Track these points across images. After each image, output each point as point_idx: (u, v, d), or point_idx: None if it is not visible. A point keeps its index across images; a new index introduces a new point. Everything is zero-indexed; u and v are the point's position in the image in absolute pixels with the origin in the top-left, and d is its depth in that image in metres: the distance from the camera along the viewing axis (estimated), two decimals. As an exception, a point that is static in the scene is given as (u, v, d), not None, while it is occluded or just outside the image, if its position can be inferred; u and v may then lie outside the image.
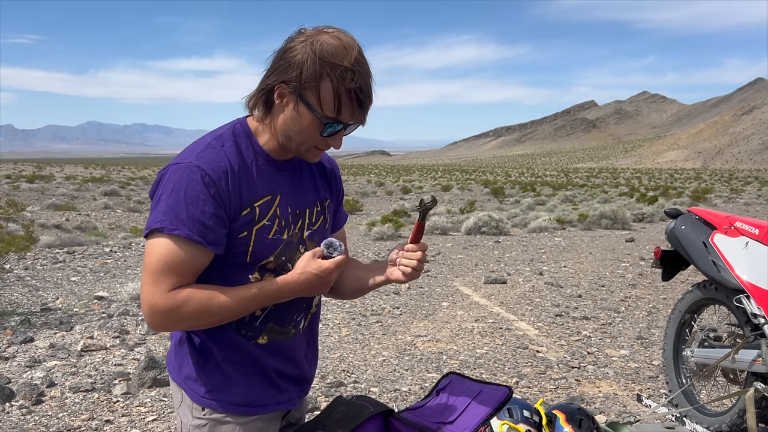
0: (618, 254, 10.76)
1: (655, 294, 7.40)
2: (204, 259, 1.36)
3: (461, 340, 5.30)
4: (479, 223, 13.71)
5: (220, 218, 1.35)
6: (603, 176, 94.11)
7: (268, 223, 1.41)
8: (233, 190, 1.36)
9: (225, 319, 1.39)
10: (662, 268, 2.97)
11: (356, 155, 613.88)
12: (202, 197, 1.32)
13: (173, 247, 1.32)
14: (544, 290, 7.50)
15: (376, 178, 61.69)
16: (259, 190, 1.41)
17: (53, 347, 4.73)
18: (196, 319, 1.36)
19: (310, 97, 1.34)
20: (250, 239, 1.39)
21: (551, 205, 23.00)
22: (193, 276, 1.37)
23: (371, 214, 19.46)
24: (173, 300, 1.32)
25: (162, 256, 1.33)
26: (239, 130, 1.45)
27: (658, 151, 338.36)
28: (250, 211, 1.39)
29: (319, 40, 1.33)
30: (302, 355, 1.59)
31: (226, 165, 1.36)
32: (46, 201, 20.81)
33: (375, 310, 6.29)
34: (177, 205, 1.32)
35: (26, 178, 34.25)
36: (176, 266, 1.33)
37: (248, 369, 1.48)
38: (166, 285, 1.33)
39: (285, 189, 1.47)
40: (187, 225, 1.31)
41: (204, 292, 1.35)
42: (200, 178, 1.33)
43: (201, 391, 1.46)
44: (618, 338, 5.47)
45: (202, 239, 1.32)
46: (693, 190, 42.14)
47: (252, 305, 1.39)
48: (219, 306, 1.35)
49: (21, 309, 6.01)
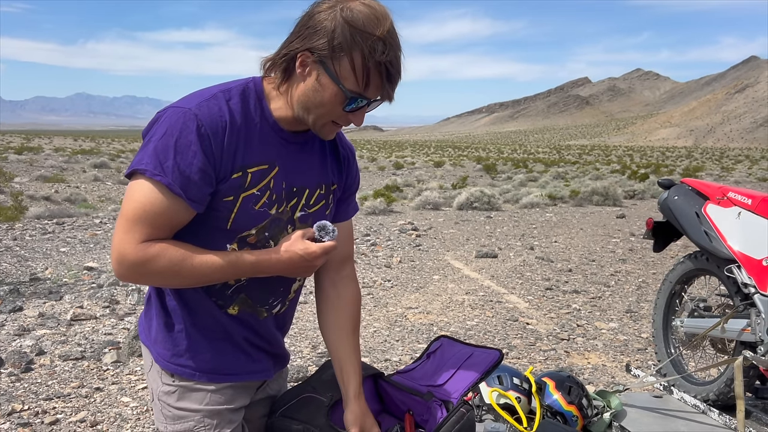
0: (609, 230, 10.82)
1: (644, 269, 7.45)
2: (183, 214, 1.28)
3: (452, 312, 5.32)
4: (471, 198, 13.72)
5: (208, 175, 1.26)
6: (595, 154, 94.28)
7: (258, 193, 1.32)
8: (228, 148, 1.27)
9: (196, 283, 1.32)
10: (654, 239, 2.96)
11: (349, 130, 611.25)
12: (193, 148, 1.23)
13: (154, 194, 1.24)
14: (534, 264, 7.53)
15: (369, 153, 61.48)
16: (257, 156, 1.32)
17: (42, 316, 4.70)
18: (165, 277, 1.28)
19: (335, 68, 1.24)
20: (234, 205, 1.30)
21: (543, 182, 23.02)
22: (170, 231, 1.29)
23: (363, 189, 19.40)
24: (144, 252, 1.24)
25: (140, 203, 1.25)
26: (251, 88, 1.35)
27: (650, 129, 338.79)
28: (241, 175, 1.29)
29: (349, 6, 1.23)
30: (272, 334, 1.52)
31: (226, 120, 1.27)
32: (35, 173, 20.60)
33: (366, 283, 6.29)
34: (165, 150, 1.23)
35: (14, 150, 33.89)
36: (153, 217, 1.25)
37: (217, 336, 1.42)
38: (139, 235, 1.24)
39: (286, 161, 1.36)
40: (170, 174, 1.23)
41: (178, 251, 1.26)
42: (195, 128, 1.24)
43: (167, 354, 1.40)
44: (607, 311, 5.51)
45: (182, 192, 1.24)
46: (684, 168, 42.29)
47: (226, 273, 1.31)
48: (191, 267, 1.27)
49: (10, 279, 5.96)
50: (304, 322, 4.90)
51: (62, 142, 64.73)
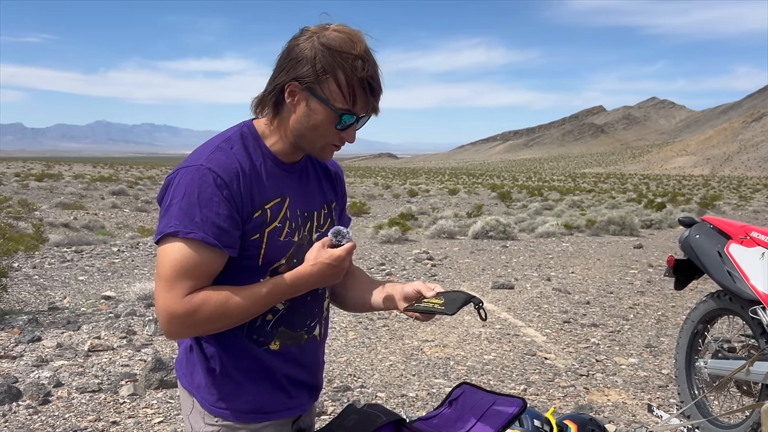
0: (626, 261, 10.70)
1: (663, 302, 7.34)
2: (219, 262, 1.34)
3: (468, 346, 5.26)
4: (486, 227, 13.67)
5: (234, 220, 1.33)
6: (611, 182, 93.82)
7: (280, 225, 1.40)
8: (245, 192, 1.35)
9: (241, 320, 1.37)
10: (675, 277, 2.93)
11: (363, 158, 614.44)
12: (215, 199, 1.30)
13: (188, 251, 1.30)
14: (551, 296, 7.46)
15: (383, 180, 61.70)
16: (270, 192, 1.40)
17: (60, 347, 4.73)
18: (213, 321, 1.33)
19: (323, 91, 1.33)
20: (262, 241, 1.38)
21: (559, 210, 22.91)
22: (208, 280, 1.35)
23: (378, 217, 19.44)
24: (190, 304, 1.30)
25: (177, 261, 1.30)
26: (247, 132, 1.43)
27: (666, 157, 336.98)
28: (261, 213, 1.37)
29: (324, 34, 1.33)
30: (314, 361, 1.58)
31: (237, 167, 1.35)
32: (55, 200, 20.89)
33: (382, 314, 6.26)
34: (190, 208, 1.30)
35: (35, 177, 34.45)
36: (192, 270, 1.30)
37: (259, 375, 1.46)
38: (182, 290, 1.30)
39: (294, 191, 1.45)
40: (202, 228, 1.29)
41: (220, 293, 1.32)
42: (212, 180, 1.31)
43: (212, 399, 1.45)
44: (627, 346, 5.42)
45: (218, 242, 1.30)
46: (701, 196, 41.93)
47: (267, 302, 1.37)
48: (236, 306, 1.32)
49: (29, 308, 6.02)
50: (320, 354, 4.87)
51: (82, 168, 65.74)
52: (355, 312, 1.71)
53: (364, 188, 41.72)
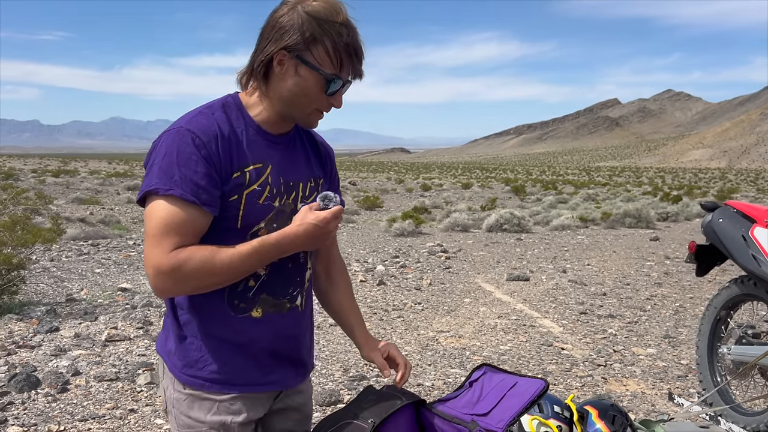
0: (642, 253, 10.60)
1: (681, 293, 7.26)
2: (201, 219, 1.36)
3: (484, 337, 5.23)
4: (501, 220, 13.60)
5: (213, 179, 1.36)
6: (626, 175, 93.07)
7: (259, 188, 1.42)
8: (223, 153, 1.38)
9: (226, 278, 1.37)
10: (696, 263, 2.88)
11: (376, 152, 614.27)
12: (193, 158, 1.34)
13: (170, 207, 1.33)
14: (567, 288, 7.40)
15: (396, 175, 61.62)
16: (250, 157, 1.42)
17: (78, 337, 4.76)
18: (199, 276, 1.34)
19: (310, 58, 1.37)
20: (240, 203, 1.40)
21: (573, 204, 22.76)
22: (194, 238, 1.37)
23: (391, 211, 19.41)
24: (176, 258, 1.32)
25: (161, 218, 1.33)
26: (230, 102, 1.48)
27: (682, 150, 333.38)
28: (240, 174, 1.39)
29: (307, 4, 1.38)
30: (298, 332, 1.55)
31: (216, 130, 1.39)
32: (71, 195, 21.09)
33: (396, 305, 6.25)
34: (169, 167, 1.34)
35: (52, 173, 34.81)
36: (176, 227, 1.33)
37: (232, 345, 1.45)
38: (168, 245, 1.32)
39: (277, 160, 1.47)
40: (180, 185, 1.33)
41: (206, 249, 1.34)
42: (191, 140, 1.35)
43: (179, 365, 1.45)
44: (645, 337, 5.36)
45: (196, 198, 1.33)
46: (718, 189, 41.46)
47: (252, 261, 1.37)
48: (221, 262, 1.33)
49: (47, 299, 6.07)
50: (335, 345, 4.87)
51: (97, 165, 66.35)
52: (325, 310, 1.74)
53: (377, 183, 41.68)
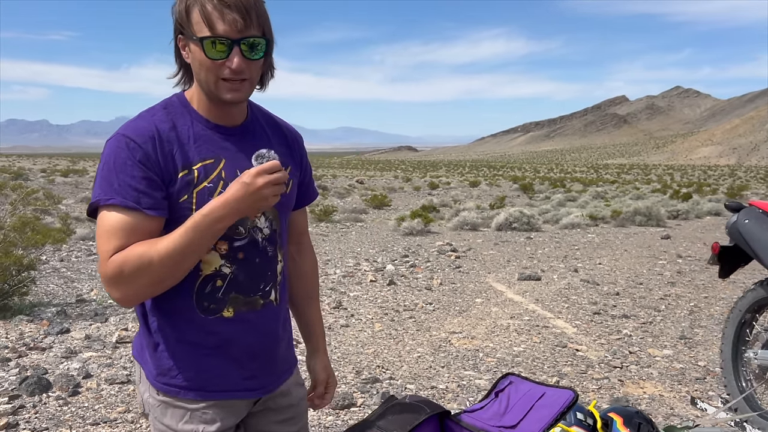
0: (654, 251, 10.50)
1: (695, 292, 7.17)
2: (148, 225, 1.32)
3: (497, 338, 5.17)
4: (510, 218, 13.51)
5: (152, 181, 1.32)
6: (634, 172, 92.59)
7: (210, 185, 1.37)
8: (163, 153, 1.34)
9: (174, 267, 1.30)
10: (720, 265, 2.81)
11: (383, 151, 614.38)
12: (129, 163, 1.32)
13: (112, 217, 1.31)
14: (580, 287, 7.32)
15: (403, 173, 61.55)
16: (198, 153, 1.38)
17: (89, 338, 4.74)
18: (144, 273, 1.28)
19: (190, 30, 1.35)
20: (191, 203, 1.35)
21: (582, 202, 22.61)
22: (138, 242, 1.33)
23: (399, 209, 19.36)
24: (114, 262, 1.28)
25: (103, 228, 1.31)
26: (174, 100, 1.45)
27: (691, 147, 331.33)
28: (187, 173, 1.36)
29: None
30: (274, 328, 1.50)
31: (153, 130, 1.36)
32: (80, 194, 21.15)
33: (408, 306, 6.19)
34: (108, 175, 1.32)
35: (60, 172, 34.95)
36: (120, 234, 1.30)
37: (205, 349, 1.41)
38: (108, 254, 1.29)
39: (232, 153, 1.42)
40: (120, 192, 1.31)
41: (142, 244, 1.30)
42: (125, 145, 1.33)
43: (154, 373, 1.43)
44: (660, 337, 5.28)
45: (137, 204, 1.30)
46: (728, 187, 41.14)
47: (193, 238, 1.29)
48: (159, 251, 1.27)
49: (57, 300, 6.06)
50: (347, 346, 4.82)
51: (106, 164, 66.57)
52: None
53: (385, 181, 41.61)
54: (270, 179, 1.29)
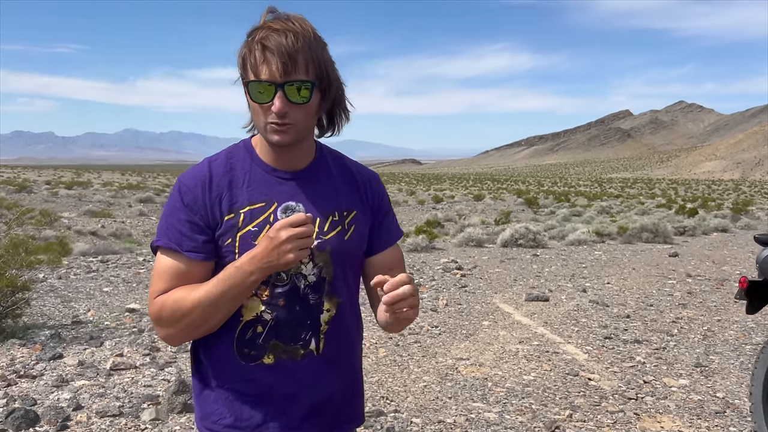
0: (663, 270, 10.31)
1: (708, 315, 6.97)
2: (189, 267, 1.36)
3: (506, 365, 4.98)
4: (516, 235, 13.34)
5: (196, 224, 1.35)
6: (638, 187, 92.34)
7: (255, 229, 1.35)
8: (211, 197, 1.36)
9: (207, 314, 1.32)
10: (748, 300, 2.65)
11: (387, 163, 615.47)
12: (177, 206, 1.36)
13: (160, 257, 1.38)
14: (589, 309, 7.13)
15: (407, 186, 61.45)
16: (249, 196, 1.38)
17: (82, 365, 4.56)
18: (179, 317, 1.32)
19: (245, 76, 1.35)
20: (234, 246, 1.35)
21: (588, 217, 22.41)
22: (182, 285, 1.36)
23: (404, 224, 19.21)
24: (156, 304, 1.35)
25: (155, 269, 1.38)
26: (240, 146, 1.47)
27: (695, 162, 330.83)
28: (233, 216, 1.36)
29: None
30: (317, 380, 1.43)
31: (206, 173, 1.38)
32: (83, 207, 21.06)
33: (412, 329, 6.01)
34: (162, 219, 1.39)
35: (65, 185, 34.94)
36: (164, 275, 1.36)
37: (247, 397, 1.40)
38: (155, 293, 1.36)
39: (287, 197, 1.41)
40: (166, 234, 1.36)
41: (180, 289, 1.34)
42: (178, 189, 1.38)
43: (199, 414, 1.46)
44: (675, 365, 5.09)
45: (177, 246, 1.34)
46: (733, 201, 40.89)
47: (224, 289, 1.30)
48: (193, 300, 1.30)
49: (52, 321, 5.89)
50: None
51: (110, 176, 66.73)
52: (389, 329, 1.47)
53: (389, 194, 41.42)
54: (294, 233, 1.25)
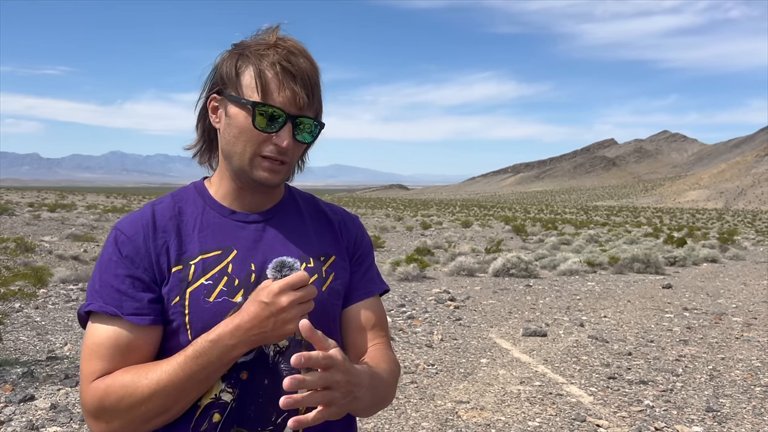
0: (658, 303, 10.13)
1: (711, 353, 6.76)
2: (135, 338, 1.06)
3: (508, 409, 4.71)
4: (507, 264, 13.14)
5: (138, 279, 1.08)
6: (623, 215, 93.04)
7: (208, 282, 1.10)
8: (156, 246, 1.11)
9: (166, 405, 1.02)
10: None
11: (374, 188, 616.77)
12: (114, 259, 1.10)
13: (93, 328, 1.07)
14: (588, 345, 6.90)
15: (395, 212, 61.32)
16: (201, 245, 1.14)
17: (54, 408, 4.22)
18: (128, 410, 1.01)
19: (235, 90, 1.12)
20: (183, 306, 1.08)
21: (577, 245, 22.30)
22: (126, 361, 1.05)
23: (393, 251, 18.97)
24: (94, 390, 1.03)
25: (85, 344, 1.08)
26: (188, 188, 1.25)
27: (679, 191, 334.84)
28: (182, 268, 1.10)
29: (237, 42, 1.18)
30: None
31: (148, 219, 1.14)
32: (66, 231, 20.56)
33: (408, 367, 5.73)
34: (94, 277, 1.12)
35: (48, 207, 34.34)
36: (98, 350, 1.05)
37: None
38: (90, 376, 1.05)
39: (248, 243, 1.16)
40: (101, 296, 1.08)
41: (129, 371, 1.03)
42: (114, 239, 1.12)
43: None
44: (685, 409, 4.85)
45: (117, 310, 1.06)
46: (718, 231, 41.14)
47: (192, 372, 1.01)
48: (149, 384, 1.00)
49: (25, 357, 5.54)
50: (344, 418, 4.35)
51: (95, 199, 65.98)
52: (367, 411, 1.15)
53: (377, 219, 41.27)
54: (296, 298, 1.01)
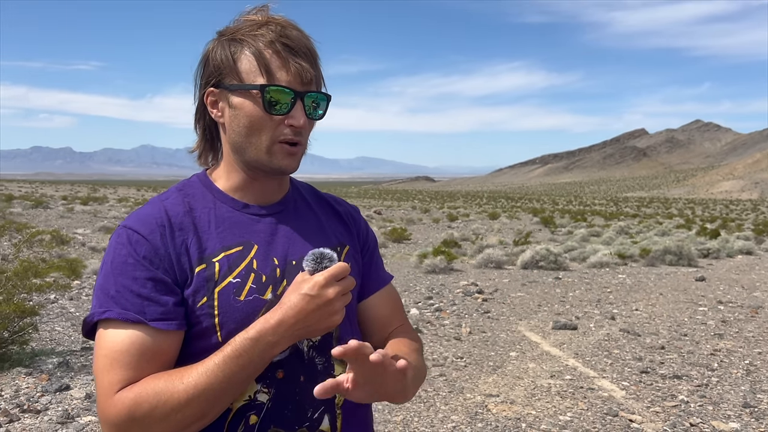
0: (691, 296, 9.91)
1: (747, 347, 6.59)
2: (160, 344, 0.99)
3: (539, 403, 4.66)
4: (536, 257, 13.00)
5: (160, 282, 1.01)
6: (654, 206, 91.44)
7: (237, 281, 1.05)
8: (174, 245, 1.04)
9: (204, 408, 0.96)
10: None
11: (400, 181, 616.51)
12: (130, 261, 1.01)
13: (111, 336, 0.98)
14: (620, 339, 6.78)
15: (421, 204, 61.17)
16: (221, 241, 1.08)
17: (89, 398, 4.31)
18: (163, 418, 0.94)
19: (237, 78, 1.06)
20: (213, 307, 1.02)
21: (607, 237, 21.96)
22: (153, 369, 0.99)
23: (419, 244, 18.93)
24: (122, 402, 0.94)
25: (102, 354, 0.98)
26: (194, 180, 1.18)
27: (712, 181, 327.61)
28: (206, 267, 1.04)
29: (220, 30, 1.12)
30: None
31: (163, 216, 1.07)
32: (98, 223, 20.99)
33: (437, 360, 5.71)
34: (106, 281, 1.01)
35: (81, 200, 35.07)
36: (121, 357, 0.97)
37: None
38: (112, 386, 0.96)
39: (266, 237, 1.12)
40: (118, 301, 0.99)
41: (159, 376, 0.97)
42: (126, 238, 1.03)
43: None
44: (720, 405, 4.74)
45: (140, 316, 0.98)
46: (754, 222, 40.17)
47: (229, 373, 0.96)
48: (186, 389, 0.94)
49: (60, 347, 5.66)
50: (372, 412, 4.35)
51: (126, 192, 67.16)
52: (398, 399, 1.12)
53: (403, 212, 41.22)
54: (342, 288, 0.99)
